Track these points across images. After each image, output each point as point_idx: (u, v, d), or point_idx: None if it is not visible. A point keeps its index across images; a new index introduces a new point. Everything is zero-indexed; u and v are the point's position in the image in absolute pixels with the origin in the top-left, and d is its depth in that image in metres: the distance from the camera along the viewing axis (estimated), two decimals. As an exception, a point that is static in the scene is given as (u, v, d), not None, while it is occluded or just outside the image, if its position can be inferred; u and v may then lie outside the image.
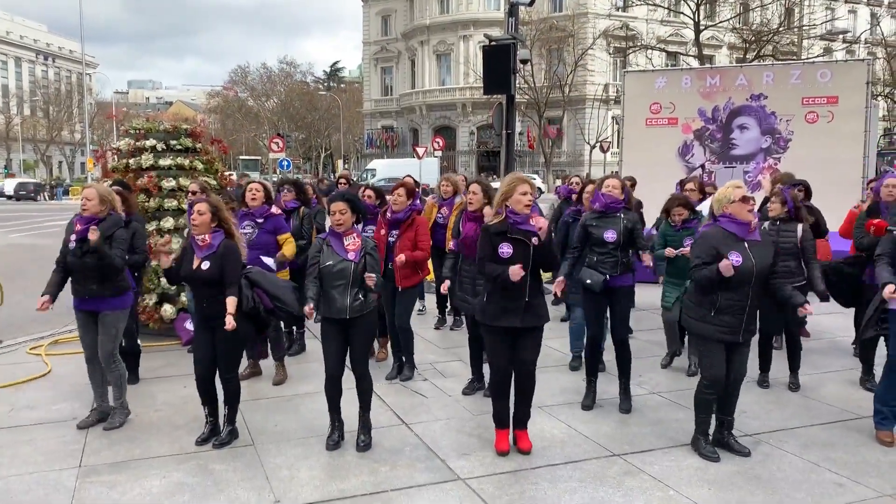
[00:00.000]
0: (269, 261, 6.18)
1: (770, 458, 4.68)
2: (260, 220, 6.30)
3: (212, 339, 4.81)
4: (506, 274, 4.40)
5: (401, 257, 5.99)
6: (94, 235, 4.94)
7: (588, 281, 5.46)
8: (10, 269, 9.64)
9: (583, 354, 6.13)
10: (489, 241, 4.59)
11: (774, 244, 5.85)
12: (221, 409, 4.99)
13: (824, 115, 11.60)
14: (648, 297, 8.58)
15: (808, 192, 6.98)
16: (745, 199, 4.55)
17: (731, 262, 4.38)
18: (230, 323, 4.60)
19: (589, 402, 5.65)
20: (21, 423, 5.32)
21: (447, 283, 5.90)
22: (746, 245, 4.55)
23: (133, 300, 5.66)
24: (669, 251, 6.18)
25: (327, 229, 4.98)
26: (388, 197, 6.42)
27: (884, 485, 4.32)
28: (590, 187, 6.25)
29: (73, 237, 5.08)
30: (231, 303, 4.67)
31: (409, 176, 10.03)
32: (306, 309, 4.66)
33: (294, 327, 7.20)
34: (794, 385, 6.11)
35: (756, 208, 6.47)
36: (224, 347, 4.80)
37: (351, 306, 4.69)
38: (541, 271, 4.77)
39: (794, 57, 31.41)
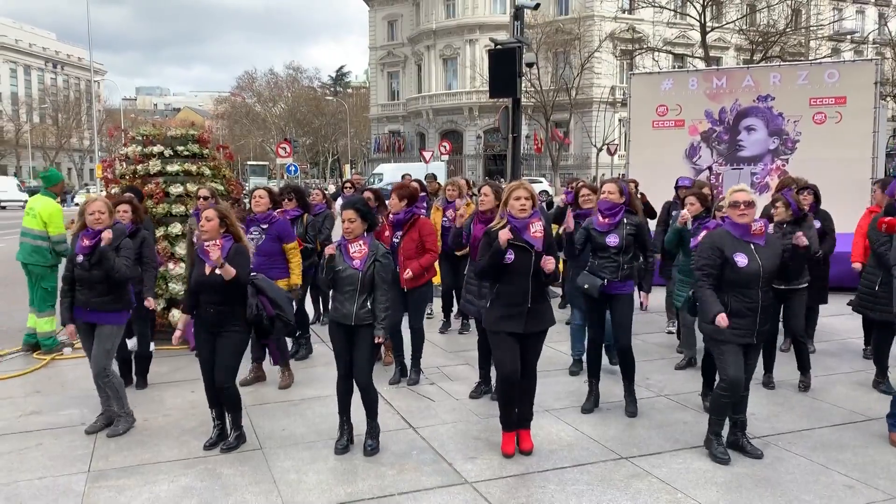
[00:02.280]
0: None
1: (779, 461, 4.66)
2: (264, 226, 6.34)
3: (213, 345, 4.82)
4: (496, 247, 4.45)
5: (408, 273, 6.02)
6: (108, 234, 4.98)
7: (585, 286, 5.44)
8: (20, 277, 9.69)
9: (584, 357, 6.13)
10: (490, 245, 4.60)
11: (784, 247, 5.88)
12: (226, 415, 5.00)
13: (832, 116, 11.54)
14: (655, 299, 8.55)
15: (817, 197, 6.94)
16: (734, 205, 4.57)
17: (726, 323, 4.41)
18: (221, 263, 4.57)
19: (590, 405, 5.63)
20: (30, 429, 5.35)
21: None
22: (753, 247, 4.55)
23: (137, 312, 5.70)
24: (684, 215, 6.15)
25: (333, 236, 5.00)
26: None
27: (894, 487, 4.29)
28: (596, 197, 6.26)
29: (81, 254, 5.08)
30: (228, 271, 4.63)
31: (407, 175, 10.02)
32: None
33: (300, 331, 7.20)
34: (803, 385, 6.07)
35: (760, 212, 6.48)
36: (223, 357, 4.80)
37: (356, 314, 4.68)
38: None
39: (802, 58, 31.30)
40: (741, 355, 4.63)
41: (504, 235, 4.45)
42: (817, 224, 6.89)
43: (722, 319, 4.40)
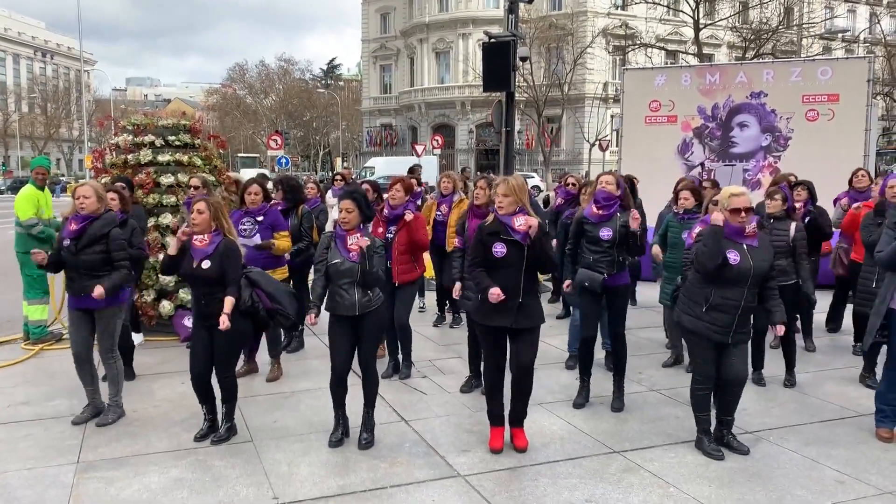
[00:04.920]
0: (256, 239, 6.17)
1: (770, 456, 4.67)
2: (259, 218, 6.28)
3: (209, 337, 4.79)
4: (486, 292, 4.45)
5: (409, 215, 6.01)
6: (99, 291, 4.87)
7: (586, 283, 5.43)
8: (11, 267, 9.62)
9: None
10: (481, 240, 4.59)
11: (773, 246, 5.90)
12: (219, 406, 4.97)
13: (825, 113, 11.56)
14: (649, 294, 8.57)
15: (812, 194, 6.96)
16: (734, 211, 4.50)
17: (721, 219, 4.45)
18: (224, 323, 4.58)
19: (581, 400, 5.63)
20: (18, 419, 5.30)
21: (459, 285, 5.82)
22: (745, 247, 4.54)
23: (129, 297, 5.64)
24: (656, 250, 6.25)
25: (327, 228, 4.96)
26: (385, 194, 6.42)
27: (884, 482, 4.31)
28: (588, 189, 6.23)
29: (67, 237, 5.03)
30: (228, 303, 4.64)
31: (412, 168, 9.85)
32: (309, 318, 4.69)
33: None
34: (789, 382, 6.10)
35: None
36: (221, 347, 4.78)
37: (360, 302, 4.67)
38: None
39: (794, 56, 31.41)
40: (713, 350, 4.63)
41: (495, 298, 4.41)
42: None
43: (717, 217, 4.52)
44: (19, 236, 7.34)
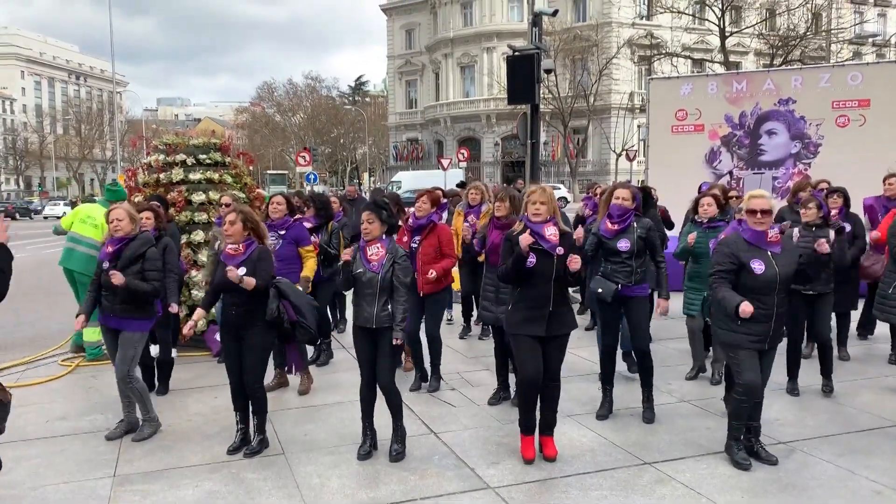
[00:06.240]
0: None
1: (805, 466, 4.60)
2: (282, 232, 6.37)
3: (239, 349, 4.87)
4: (517, 252, 4.46)
5: (432, 273, 6.03)
6: (117, 280, 4.98)
7: (599, 290, 5.40)
8: (48, 285, 9.86)
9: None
10: (511, 249, 4.61)
11: (806, 249, 5.82)
12: (252, 418, 5.03)
13: (856, 119, 11.41)
14: (675, 304, 8.48)
15: (847, 201, 6.86)
16: (750, 212, 4.49)
17: (750, 309, 4.29)
18: (233, 271, 4.63)
19: (604, 412, 5.58)
20: (55, 434, 5.41)
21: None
22: (769, 254, 4.50)
23: (160, 318, 5.76)
24: (691, 238, 6.14)
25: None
26: (410, 208, 6.50)
27: (923, 493, 4.23)
28: (604, 198, 6.22)
29: (104, 259, 5.16)
30: (249, 282, 4.68)
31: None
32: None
33: (321, 338, 7.22)
34: (826, 388, 6.00)
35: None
36: (249, 358, 4.85)
37: (377, 316, 4.70)
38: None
39: (823, 62, 31.00)
40: (756, 360, 4.59)
41: (525, 241, 4.46)
42: (847, 227, 6.82)
43: (746, 307, 4.29)
44: (86, 257, 7.20)
